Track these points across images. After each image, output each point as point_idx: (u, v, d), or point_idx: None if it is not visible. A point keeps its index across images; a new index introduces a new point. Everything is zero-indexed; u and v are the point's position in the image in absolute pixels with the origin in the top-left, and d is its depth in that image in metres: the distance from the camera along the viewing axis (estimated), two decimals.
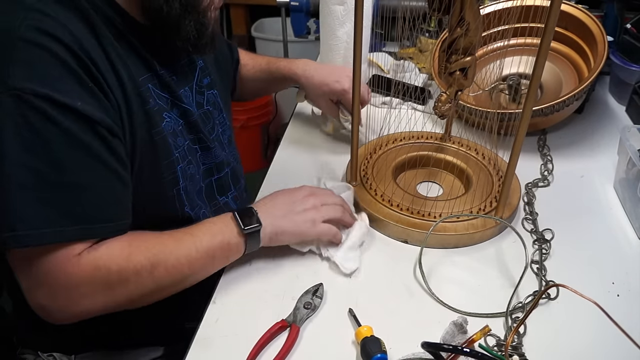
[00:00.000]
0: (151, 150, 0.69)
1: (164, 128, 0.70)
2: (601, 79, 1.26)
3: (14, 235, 0.56)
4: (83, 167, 0.59)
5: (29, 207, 0.56)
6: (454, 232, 0.79)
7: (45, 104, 0.55)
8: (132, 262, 0.62)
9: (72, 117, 0.57)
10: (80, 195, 0.59)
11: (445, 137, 0.99)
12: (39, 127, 0.56)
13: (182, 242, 0.66)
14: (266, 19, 2.40)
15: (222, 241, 0.68)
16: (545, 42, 0.65)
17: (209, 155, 0.81)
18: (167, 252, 0.65)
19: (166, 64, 0.73)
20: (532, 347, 0.64)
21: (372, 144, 0.97)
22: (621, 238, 0.83)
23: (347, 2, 1.02)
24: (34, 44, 0.56)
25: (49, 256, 0.59)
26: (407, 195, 0.85)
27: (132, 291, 0.64)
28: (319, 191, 0.78)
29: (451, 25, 0.75)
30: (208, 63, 0.85)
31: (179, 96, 0.74)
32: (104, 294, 0.62)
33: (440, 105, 0.83)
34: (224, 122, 0.87)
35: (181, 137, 0.74)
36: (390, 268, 0.76)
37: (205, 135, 0.79)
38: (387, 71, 1.25)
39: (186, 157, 0.75)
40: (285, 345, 0.63)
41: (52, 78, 0.56)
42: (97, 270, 0.60)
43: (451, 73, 0.81)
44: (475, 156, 0.95)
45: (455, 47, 0.78)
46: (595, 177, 0.96)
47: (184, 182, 0.75)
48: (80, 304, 0.62)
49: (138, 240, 0.64)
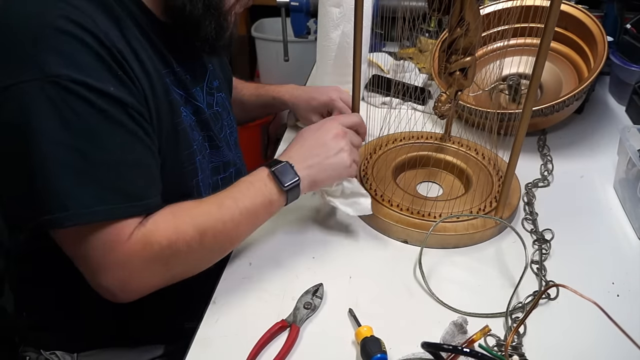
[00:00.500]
0: (174, 139, 0.70)
1: (183, 119, 0.72)
2: (601, 79, 1.26)
3: (67, 215, 0.57)
4: (125, 145, 0.61)
5: (79, 187, 0.58)
6: (454, 232, 0.79)
7: (83, 89, 0.57)
8: (181, 234, 0.63)
9: (107, 100, 0.59)
10: (126, 172, 0.61)
11: (445, 137, 0.99)
12: (79, 111, 0.57)
13: (225, 206, 0.67)
14: (266, 19, 2.40)
15: (264, 200, 0.69)
16: (545, 41, 0.65)
17: (217, 154, 0.82)
18: (212, 218, 0.66)
19: (182, 63, 0.74)
20: (532, 347, 0.64)
21: (372, 144, 0.97)
22: (621, 238, 0.83)
23: (344, 4, 1.02)
24: (65, 32, 0.57)
25: (102, 236, 0.60)
26: (407, 195, 0.85)
27: (185, 261, 0.65)
28: (344, 129, 0.76)
29: (451, 25, 0.75)
30: (216, 67, 0.86)
31: (193, 94, 0.75)
32: (159, 268, 0.64)
33: (440, 105, 0.83)
34: (231, 124, 0.88)
35: (196, 131, 0.76)
36: (390, 268, 0.76)
37: (215, 134, 0.80)
38: (387, 71, 1.25)
39: (202, 151, 0.77)
40: (285, 346, 0.63)
41: (85, 65, 0.58)
42: (149, 246, 0.62)
43: (451, 73, 0.81)
44: (475, 156, 0.95)
45: (455, 47, 0.78)
46: (595, 177, 0.96)
47: (202, 175, 0.77)
48: (140, 281, 0.63)
49: (182, 212, 0.65)
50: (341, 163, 0.73)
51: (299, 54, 1.99)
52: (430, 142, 0.99)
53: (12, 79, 0.56)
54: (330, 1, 1.04)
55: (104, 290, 0.63)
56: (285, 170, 0.70)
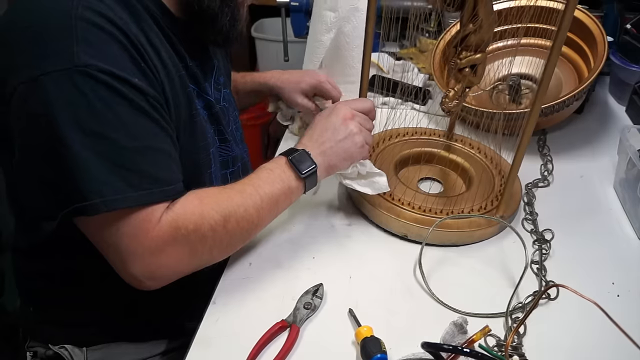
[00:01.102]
0: (191, 129, 0.72)
1: (199, 111, 0.74)
2: (601, 79, 1.26)
3: (103, 201, 0.58)
4: (150, 132, 0.62)
5: (111, 174, 0.59)
6: (454, 229, 0.79)
7: (110, 78, 0.58)
8: (206, 219, 0.65)
9: (133, 89, 0.60)
10: (154, 158, 0.62)
11: (448, 135, 0.99)
12: (108, 100, 0.58)
13: (246, 193, 0.69)
14: (266, 19, 2.40)
15: (283, 187, 0.71)
16: (558, 42, 0.65)
17: (226, 148, 0.83)
18: (235, 204, 0.67)
19: (194, 58, 0.75)
20: (532, 347, 0.64)
21: (375, 138, 0.97)
22: (621, 238, 0.83)
23: (339, 10, 1.02)
24: (92, 24, 0.58)
25: (133, 222, 0.61)
26: (408, 190, 0.85)
27: (211, 247, 0.66)
28: (353, 112, 0.78)
29: (463, 20, 0.75)
30: (221, 64, 0.87)
31: (204, 88, 0.77)
32: (187, 253, 0.65)
33: (447, 101, 0.82)
34: (236, 120, 0.90)
35: (208, 125, 0.78)
36: (390, 268, 0.76)
37: (224, 128, 0.82)
38: (387, 71, 1.25)
39: (214, 144, 0.79)
40: (285, 346, 0.63)
41: (112, 56, 0.59)
42: (177, 230, 0.63)
43: (460, 69, 0.80)
44: (478, 155, 0.95)
45: (467, 44, 0.77)
46: (595, 177, 0.96)
47: (214, 167, 0.79)
48: (169, 266, 0.64)
49: (207, 197, 0.67)
50: (353, 145, 0.75)
51: (299, 54, 1.97)
52: (433, 138, 0.99)
53: (41, 70, 0.57)
54: (326, 4, 1.04)
55: (133, 278, 0.64)
56: (302, 158, 0.72)
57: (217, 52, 0.86)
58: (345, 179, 0.80)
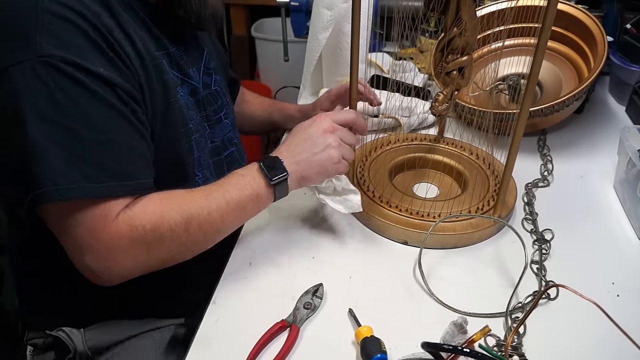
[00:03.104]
0: (169, 117, 0.72)
1: (179, 99, 0.73)
2: (601, 79, 1.26)
3: (56, 190, 0.58)
4: (114, 125, 0.62)
5: (69, 164, 0.59)
6: (453, 232, 0.79)
7: (73, 69, 0.59)
8: (166, 219, 0.64)
9: (97, 80, 0.61)
10: (115, 151, 0.62)
11: (439, 138, 0.99)
12: (69, 90, 0.59)
13: (213, 197, 0.68)
14: (266, 19, 2.40)
15: (252, 193, 0.70)
16: (543, 40, 0.65)
17: (218, 131, 0.84)
18: (198, 207, 0.66)
19: (177, 44, 0.76)
20: (532, 347, 0.64)
21: (368, 147, 0.97)
22: (621, 238, 0.83)
23: (335, 8, 1.02)
24: (58, 15, 0.59)
25: (89, 214, 0.61)
26: (405, 196, 0.85)
27: (170, 248, 0.66)
28: (334, 125, 0.75)
29: (447, 25, 0.76)
30: (212, 52, 0.88)
31: (189, 74, 0.77)
32: (144, 252, 0.64)
33: (437, 105, 0.83)
34: (228, 106, 0.89)
35: (193, 111, 0.78)
36: (390, 268, 0.76)
37: (212, 113, 0.82)
38: (387, 71, 1.25)
39: (199, 130, 0.78)
40: (285, 345, 0.63)
41: (76, 46, 0.60)
42: (134, 229, 0.63)
43: (448, 73, 0.81)
44: (470, 156, 0.95)
45: (452, 47, 0.78)
46: (595, 177, 0.96)
47: (198, 153, 0.78)
48: (124, 264, 0.64)
49: (169, 198, 0.67)
50: (329, 159, 0.73)
51: (299, 54, 1.98)
52: (425, 143, 0.99)
53: (9, 62, 0.58)
54: (323, 3, 1.04)
55: (88, 271, 0.64)
56: (274, 164, 0.71)
57: (206, 38, 0.87)
58: (320, 194, 0.78)
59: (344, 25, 1.07)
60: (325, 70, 1.18)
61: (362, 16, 0.78)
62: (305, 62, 1.15)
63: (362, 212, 0.83)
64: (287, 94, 2.23)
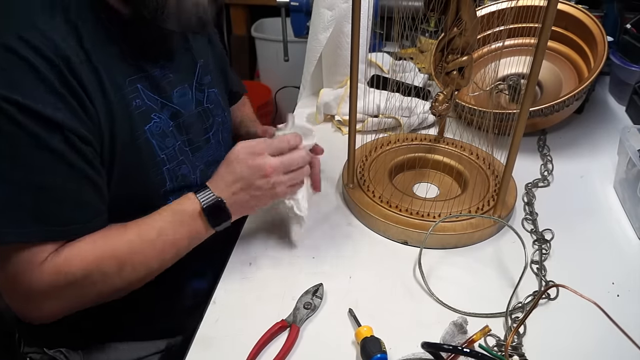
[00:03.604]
0: (135, 152, 0.69)
1: (148, 130, 0.70)
2: (601, 79, 1.26)
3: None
4: (48, 169, 0.60)
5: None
6: (453, 232, 0.79)
7: (14, 109, 0.57)
8: (99, 265, 0.63)
9: (40, 122, 0.58)
10: (47, 196, 0.60)
11: (439, 138, 0.99)
12: (6, 130, 0.57)
13: (148, 239, 0.66)
14: (266, 19, 2.40)
15: (191, 234, 0.69)
16: (543, 40, 0.65)
17: (199, 157, 0.80)
18: (133, 251, 0.65)
19: (162, 63, 0.73)
20: (532, 347, 0.64)
21: (368, 147, 0.97)
22: (621, 238, 0.83)
23: (336, 8, 1.02)
24: (12, 51, 0.57)
25: (14, 259, 0.60)
26: (405, 196, 0.85)
27: (102, 290, 0.66)
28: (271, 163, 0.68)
29: (447, 25, 0.76)
30: (210, 63, 0.85)
31: (170, 97, 0.74)
32: (71, 296, 0.64)
33: (437, 105, 0.83)
34: (225, 121, 0.87)
35: (171, 137, 0.74)
36: (390, 268, 0.76)
37: (198, 135, 0.79)
38: (387, 71, 1.25)
39: (176, 158, 0.75)
40: (285, 345, 0.63)
41: (25, 86, 0.58)
42: (59, 275, 0.61)
43: (448, 73, 0.81)
44: (470, 156, 0.95)
45: (452, 47, 0.78)
46: (595, 177, 0.96)
47: (172, 184, 0.75)
48: (49, 308, 0.64)
49: (104, 241, 0.65)
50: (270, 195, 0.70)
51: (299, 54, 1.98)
52: (425, 143, 0.99)
53: None
54: (324, 3, 1.04)
55: (15, 310, 0.63)
56: (217, 210, 0.68)
57: (202, 48, 0.84)
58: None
59: (344, 25, 1.07)
60: (325, 70, 1.18)
61: (362, 16, 0.78)
62: (306, 62, 1.15)
63: (362, 212, 0.83)
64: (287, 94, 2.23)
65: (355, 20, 0.73)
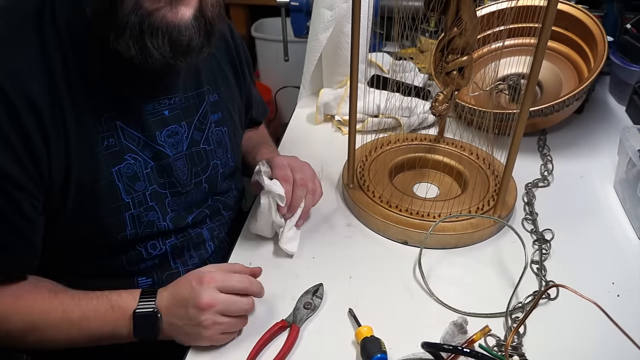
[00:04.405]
0: (92, 194, 0.65)
1: (116, 171, 0.66)
2: (601, 79, 1.26)
3: None
4: None
5: None
6: (453, 232, 0.79)
7: None
8: (7, 322, 0.62)
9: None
10: None
11: (439, 138, 0.99)
12: None
13: (69, 318, 0.63)
14: (266, 19, 2.40)
15: (112, 333, 0.64)
16: (543, 40, 0.65)
17: (186, 200, 0.75)
18: (48, 324, 0.63)
19: (160, 97, 0.69)
20: (532, 347, 0.64)
21: (368, 147, 0.97)
22: (621, 238, 0.83)
23: (336, 8, 1.02)
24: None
25: None
26: (405, 196, 0.85)
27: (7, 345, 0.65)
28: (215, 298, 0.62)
29: (447, 25, 0.76)
30: (226, 99, 0.80)
31: (153, 136, 0.69)
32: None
33: (437, 105, 0.83)
34: (226, 164, 0.81)
35: (144, 181, 0.69)
36: (390, 268, 0.76)
37: (182, 178, 0.73)
38: (387, 71, 1.25)
39: (144, 204, 0.70)
40: (285, 345, 0.63)
41: None
42: None
43: (448, 73, 0.81)
44: (470, 156, 0.95)
45: (452, 47, 0.78)
46: (595, 177, 0.96)
47: (134, 230, 0.70)
48: None
49: (24, 300, 0.64)
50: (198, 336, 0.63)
51: (299, 54, 1.97)
52: (425, 143, 0.99)
53: None
54: (324, 3, 1.04)
55: None
56: (149, 324, 0.63)
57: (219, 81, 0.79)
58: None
59: (344, 25, 1.07)
60: (325, 70, 1.18)
61: (362, 16, 0.78)
62: (306, 62, 1.15)
63: (362, 212, 0.83)
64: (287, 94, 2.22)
65: (355, 20, 0.73)
